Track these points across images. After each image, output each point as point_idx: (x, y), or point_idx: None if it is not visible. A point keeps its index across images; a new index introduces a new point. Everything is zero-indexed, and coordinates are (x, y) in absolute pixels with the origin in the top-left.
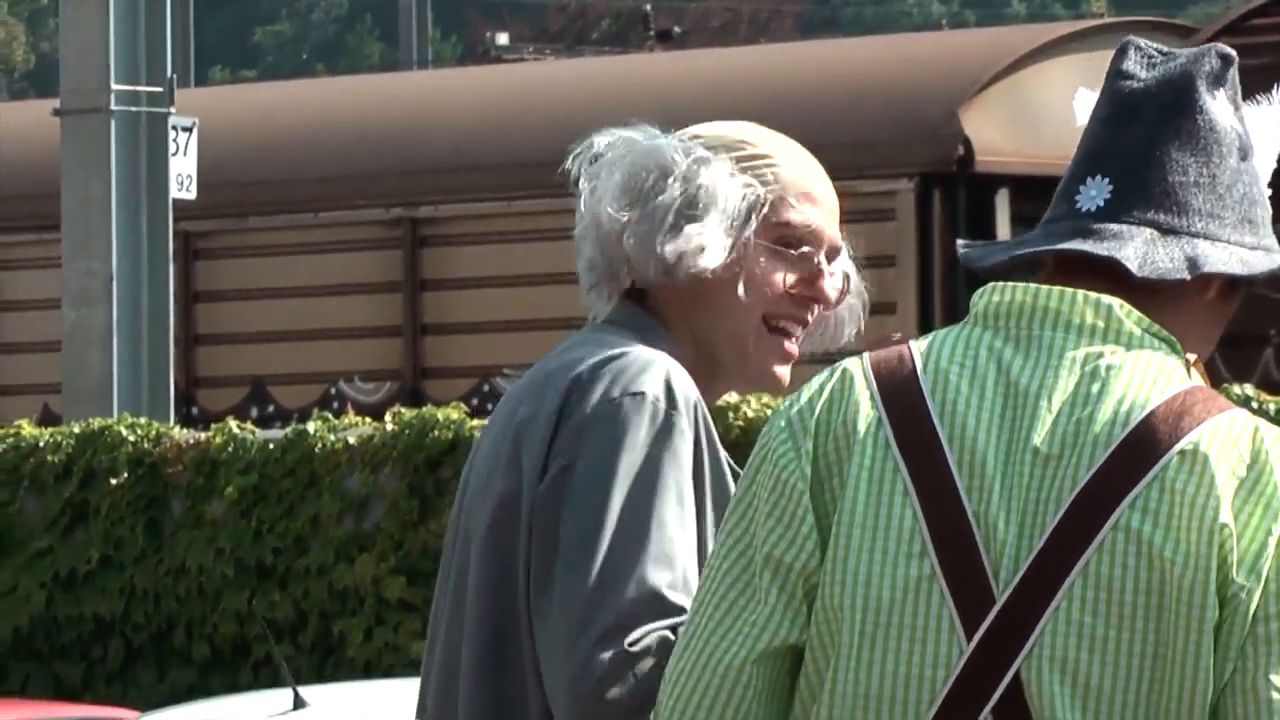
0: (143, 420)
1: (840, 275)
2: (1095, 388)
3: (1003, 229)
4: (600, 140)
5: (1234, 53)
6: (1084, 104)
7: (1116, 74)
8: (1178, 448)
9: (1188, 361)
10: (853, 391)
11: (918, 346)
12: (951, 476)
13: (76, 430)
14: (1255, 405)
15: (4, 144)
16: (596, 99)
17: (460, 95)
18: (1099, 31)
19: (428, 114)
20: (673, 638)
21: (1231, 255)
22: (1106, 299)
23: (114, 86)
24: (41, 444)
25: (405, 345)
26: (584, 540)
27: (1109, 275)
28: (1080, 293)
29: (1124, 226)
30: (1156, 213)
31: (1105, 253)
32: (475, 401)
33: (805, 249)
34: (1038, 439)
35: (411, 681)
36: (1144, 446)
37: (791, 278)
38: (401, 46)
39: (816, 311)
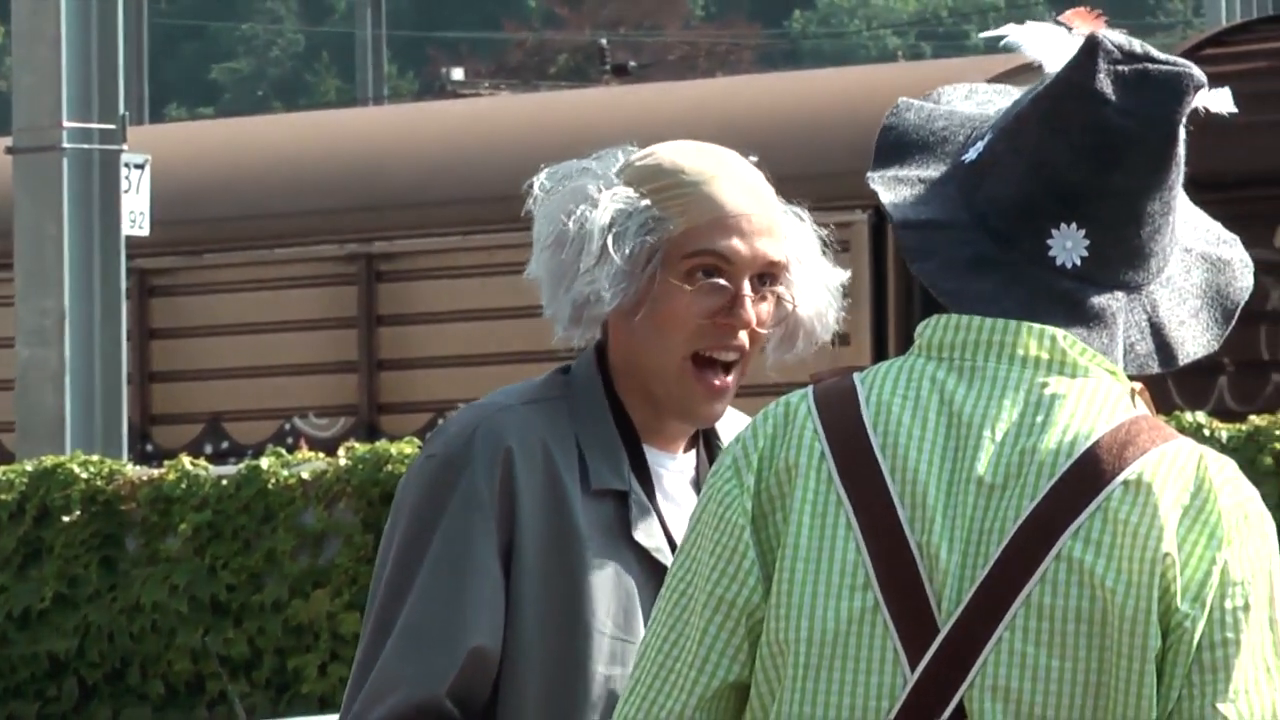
0: (95, 457)
1: (772, 297)
2: (1039, 418)
3: None
4: (541, 178)
5: (1204, 77)
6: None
7: (1090, 95)
8: (1121, 477)
9: (1133, 390)
10: (796, 425)
11: (862, 379)
12: (894, 508)
13: (29, 468)
14: (1208, 433)
15: None
16: (553, 133)
17: (417, 131)
18: None
19: (384, 149)
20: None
21: (1189, 321)
22: (1050, 330)
23: (66, 124)
24: None
25: (361, 380)
26: (364, 621)
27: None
28: (1024, 325)
29: (1101, 298)
30: (1126, 271)
31: (1100, 349)
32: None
33: (716, 279)
34: (981, 469)
35: None
36: (1088, 476)
37: (706, 308)
38: (358, 83)
39: (745, 337)
